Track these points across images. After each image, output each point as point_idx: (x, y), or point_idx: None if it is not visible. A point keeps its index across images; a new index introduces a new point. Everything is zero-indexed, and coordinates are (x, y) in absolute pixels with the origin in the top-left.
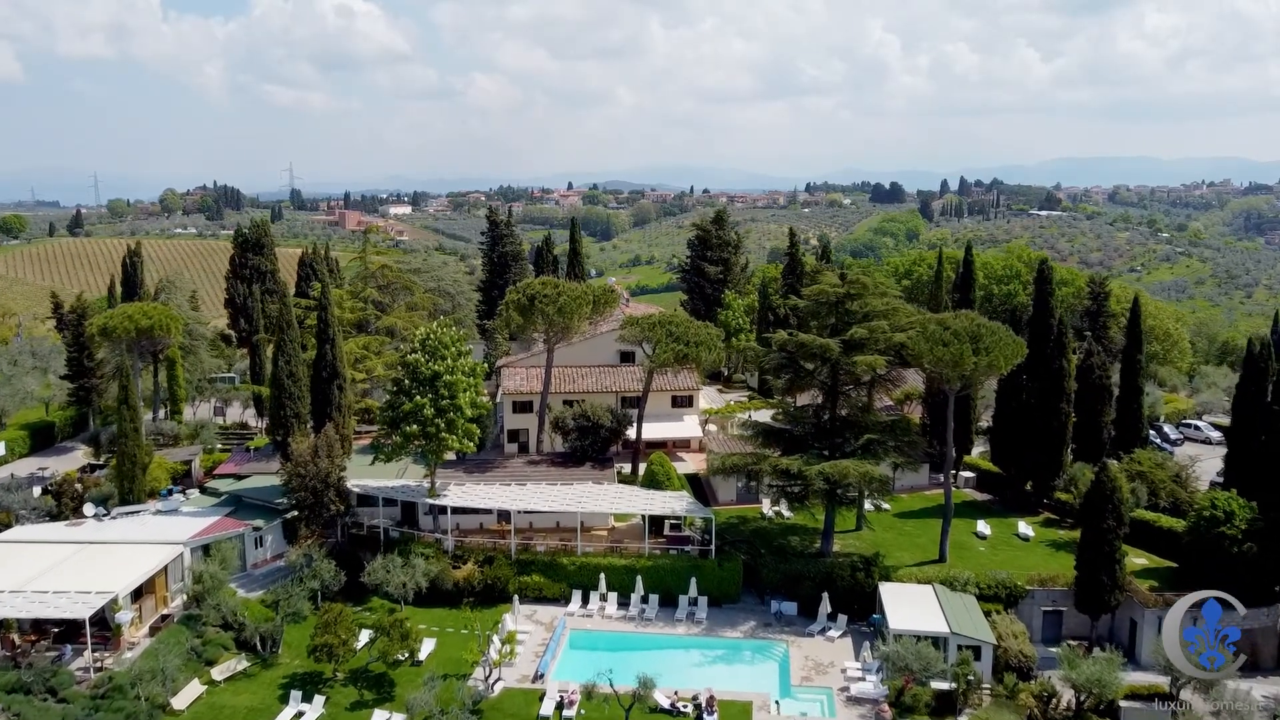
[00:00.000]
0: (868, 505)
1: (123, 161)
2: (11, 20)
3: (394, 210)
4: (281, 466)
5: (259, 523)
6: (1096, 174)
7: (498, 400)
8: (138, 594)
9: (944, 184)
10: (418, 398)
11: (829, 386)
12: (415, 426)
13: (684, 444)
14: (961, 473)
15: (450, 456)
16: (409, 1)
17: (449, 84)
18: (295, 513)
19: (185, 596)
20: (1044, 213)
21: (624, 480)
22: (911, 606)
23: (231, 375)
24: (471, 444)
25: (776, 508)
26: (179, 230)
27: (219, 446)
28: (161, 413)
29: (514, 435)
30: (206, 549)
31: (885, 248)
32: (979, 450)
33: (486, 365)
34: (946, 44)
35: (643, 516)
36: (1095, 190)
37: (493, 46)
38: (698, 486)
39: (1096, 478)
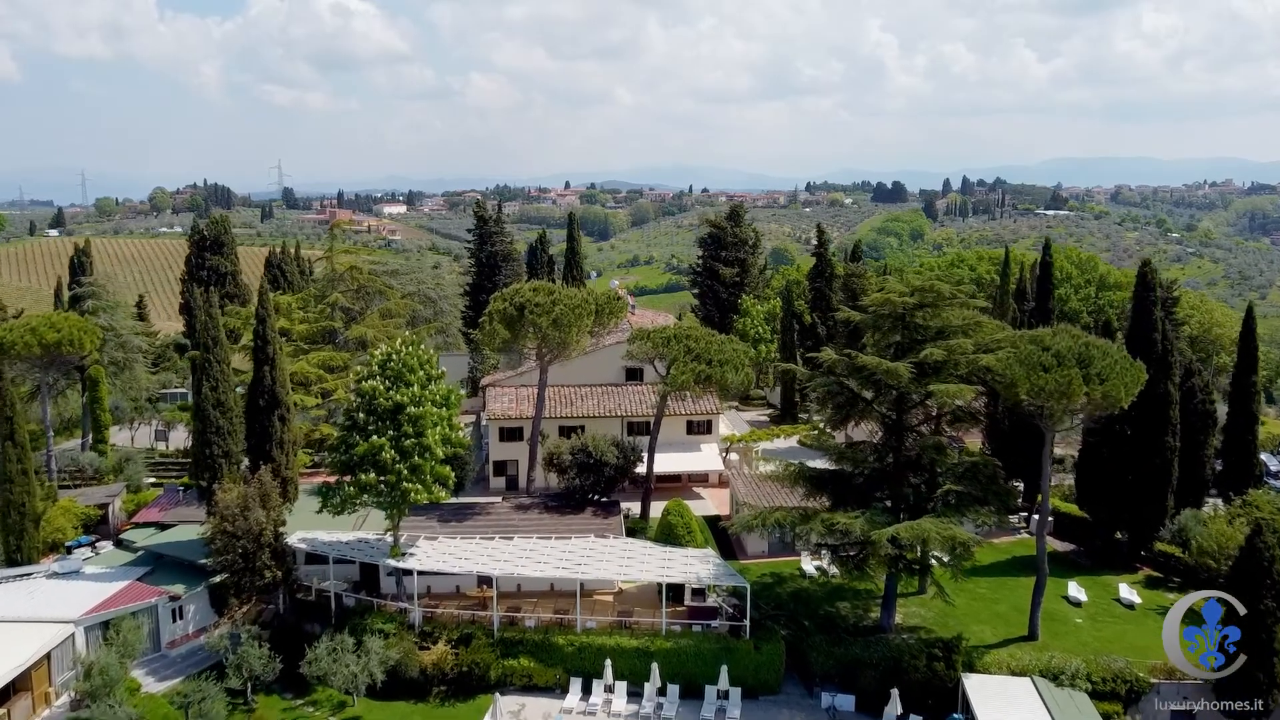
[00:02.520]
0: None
1: (122, 161)
2: (8, 19)
3: (388, 209)
4: (207, 519)
5: (178, 589)
6: (1095, 174)
7: (483, 424)
8: (8, 692)
9: (946, 183)
10: (375, 437)
11: (893, 421)
12: (371, 473)
13: (701, 477)
14: (1034, 516)
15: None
16: (407, 1)
17: (447, 84)
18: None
19: (72, 693)
20: (1050, 212)
21: (633, 527)
22: (1007, 707)
23: (184, 391)
24: (444, 492)
25: (819, 563)
26: (164, 230)
27: (150, 482)
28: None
29: (501, 467)
30: (106, 626)
31: (889, 248)
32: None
33: (466, 384)
34: (944, 44)
35: (660, 585)
36: (1097, 190)
37: (491, 46)
38: (719, 531)
39: (1249, 542)
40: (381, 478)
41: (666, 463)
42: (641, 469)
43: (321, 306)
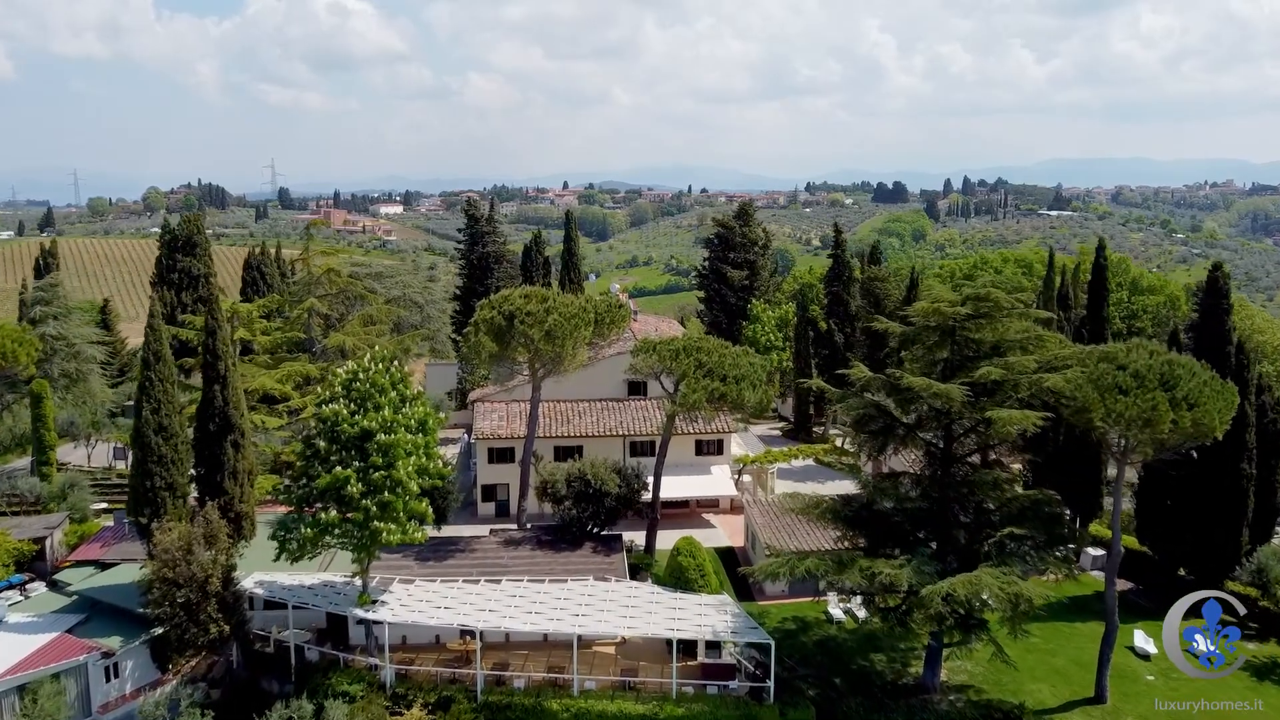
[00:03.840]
0: None
1: (121, 162)
2: (5, 19)
3: (385, 210)
4: (147, 561)
5: (114, 642)
6: (1092, 175)
7: (470, 442)
8: None
9: (947, 183)
10: (338, 469)
11: (941, 450)
12: (333, 511)
13: (711, 503)
14: (1086, 549)
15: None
16: (404, 1)
17: (445, 84)
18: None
19: None
20: (1053, 213)
21: (638, 562)
22: None
23: None
24: (420, 532)
25: (848, 605)
26: (155, 230)
27: (101, 508)
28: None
29: (490, 492)
30: (23, 692)
31: (891, 249)
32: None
33: (455, 397)
34: (942, 44)
35: (670, 641)
36: (1097, 191)
37: (488, 46)
38: (733, 564)
39: None
40: (347, 515)
41: (674, 487)
42: (646, 495)
43: (298, 312)
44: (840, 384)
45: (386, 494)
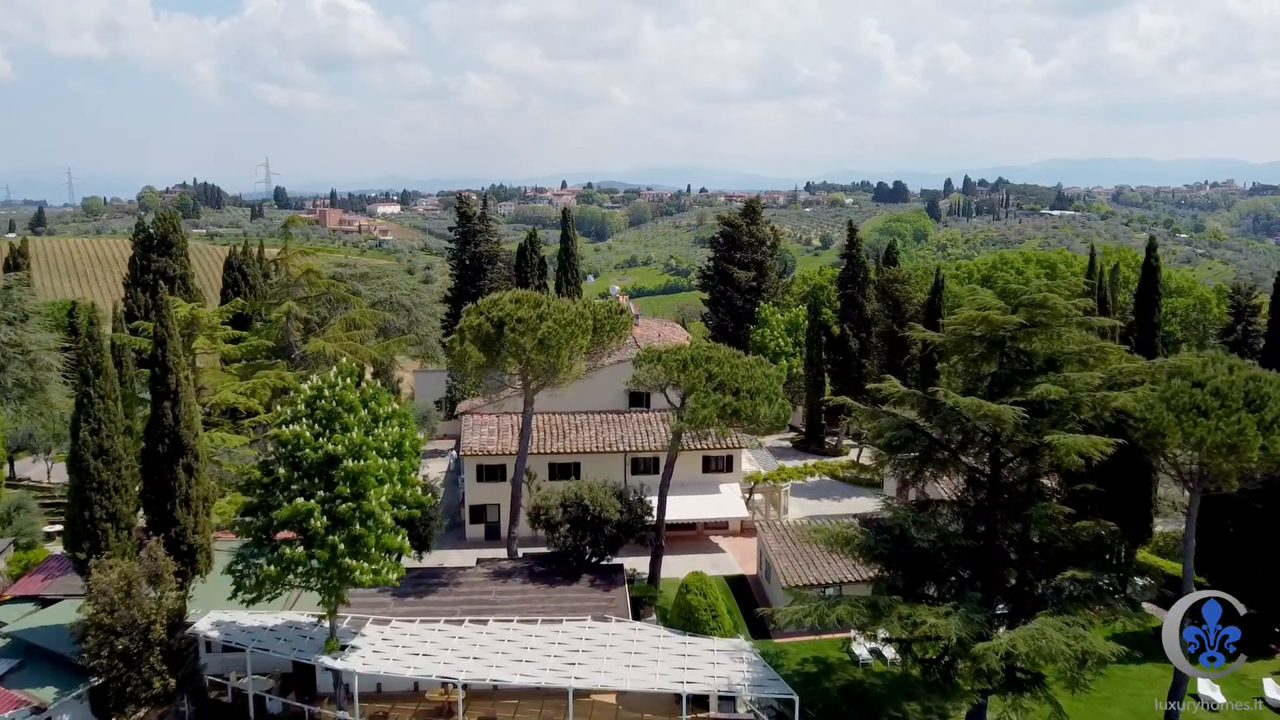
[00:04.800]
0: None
1: (121, 162)
2: (4, 18)
3: (382, 209)
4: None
5: (47, 695)
6: (1091, 175)
7: (457, 457)
8: None
9: (948, 183)
10: (299, 500)
11: (988, 477)
12: (297, 548)
13: (720, 524)
14: (1134, 578)
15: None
16: (403, 1)
17: (444, 84)
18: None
19: None
20: (1055, 212)
21: (640, 595)
22: None
23: None
24: (396, 571)
25: (874, 644)
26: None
27: (56, 529)
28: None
29: (479, 513)
30: None
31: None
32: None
33: (445, 406)
34: (940, 45)
35: (680, 695)
36: (1097, 190)
37: (487, 46)
38: (743, 593)
39: None
40: (311, 551)
41: (680, 508)
42: (650, 518)
43: (277, 315)
44: (854, 393)
45: (356, 527)
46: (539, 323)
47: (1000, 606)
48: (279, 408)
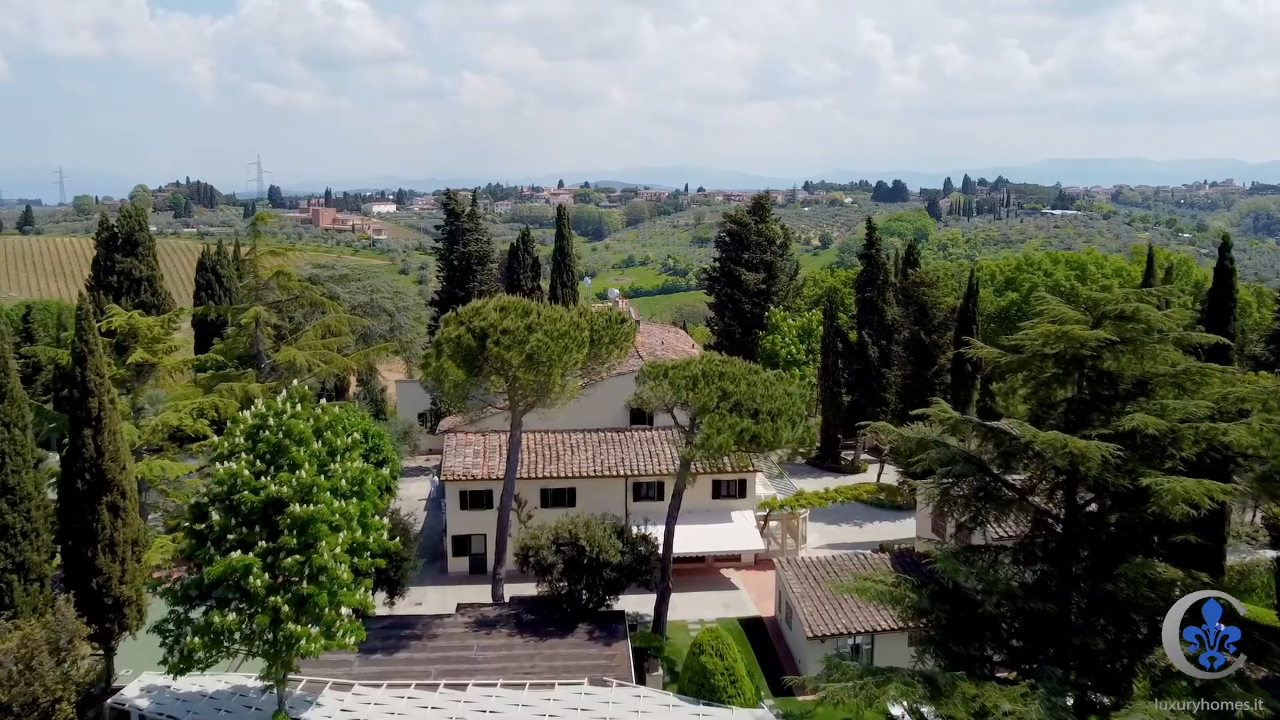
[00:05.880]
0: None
1: (117, 161)
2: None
3: (377, 208)
4: None
5: None
6: (1089, 175)
7: (436, 482)
8: None
9: (947, 182)
10: (234, 555)
11: (1062, 523)
12: (230, 613)
13: (732, 557)
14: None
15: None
16: (399, 0)
17: (440, 83)
18: None
19: None
20: (1057, 212)
21: (644, 646)
22: None
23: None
24: (355, 634)
25: (915, 704)
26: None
27: None
28: None
29: (463, 545)
30: None
31: (892, 249)
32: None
33: (430, 419)
34: (937, 45)
35: None
36: (1096, 190)
37: (483, 46)
38: (760, 638)
39: None
40: (251, 612)
41: (688, 539)
42: (656, 554)
43: (247, 319)
44: (873, 405)
45: (304, 586)
46: (527, 335)
47: (1073, 676)
48: (215, 438)
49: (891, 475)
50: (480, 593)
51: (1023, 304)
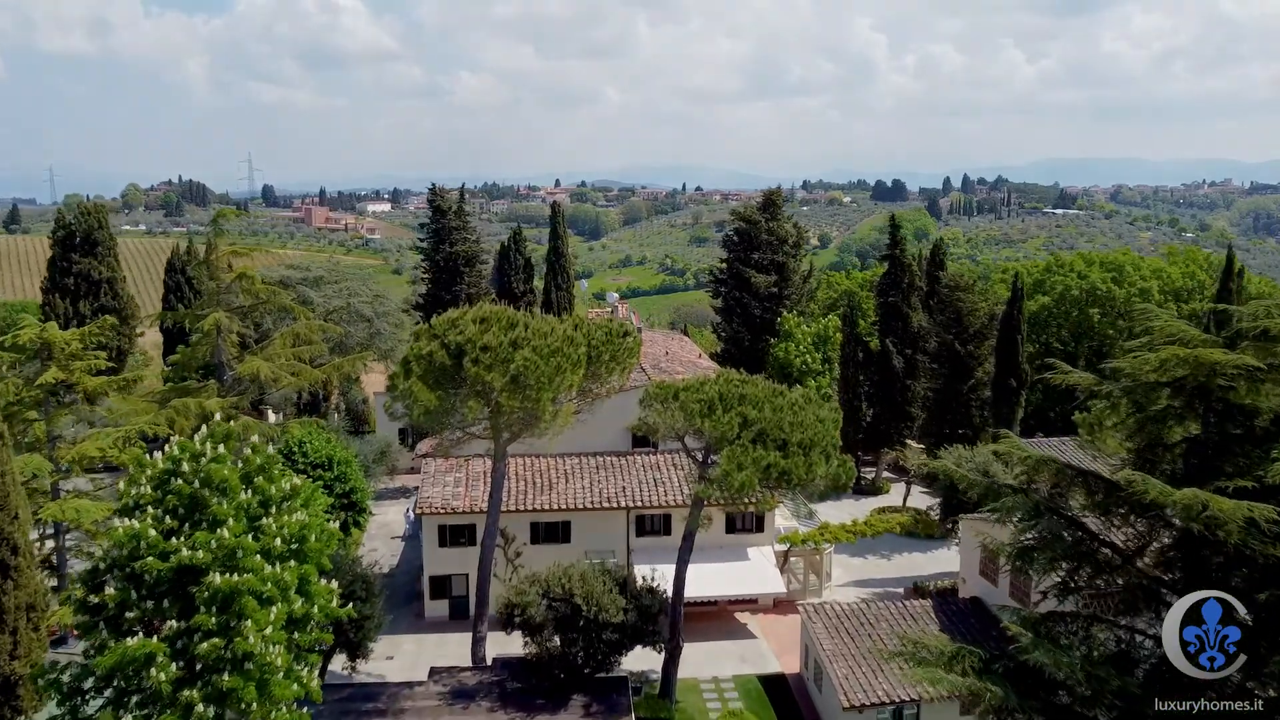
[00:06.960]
0: None
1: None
2: None
3: (372, 208)
4: None
5: None
6: (1086, 174)
7: (411, 517)
8: None
9: (946, 181)
10: (132, 640)
11: (1163, 595)
12: (126, 717)
13: (749, 599)
14: None
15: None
16: None
17: (436, 82)
18: None
19: None
20: (1058, 211)
21: (649, 714)
22: None
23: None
24: None
25: None
26: (127, 227)
27: None
28: None
29: (441, 586)
30: None
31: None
32: None
33: (410, 437)
34: (933, 44)
35: None
36: (1095, 189)
37: (479, 45)
38: (784, 700)
39: None
40: (150, 714)
41: (698, 580)
42: (664, 598)
43: (208, 327)
44: (896, 420)
45: (225, 678)
46: (512, 352)
47: None
48: (119, 483)
49: (917, 497)
50: (461, 641)
51: (1054, 308)
